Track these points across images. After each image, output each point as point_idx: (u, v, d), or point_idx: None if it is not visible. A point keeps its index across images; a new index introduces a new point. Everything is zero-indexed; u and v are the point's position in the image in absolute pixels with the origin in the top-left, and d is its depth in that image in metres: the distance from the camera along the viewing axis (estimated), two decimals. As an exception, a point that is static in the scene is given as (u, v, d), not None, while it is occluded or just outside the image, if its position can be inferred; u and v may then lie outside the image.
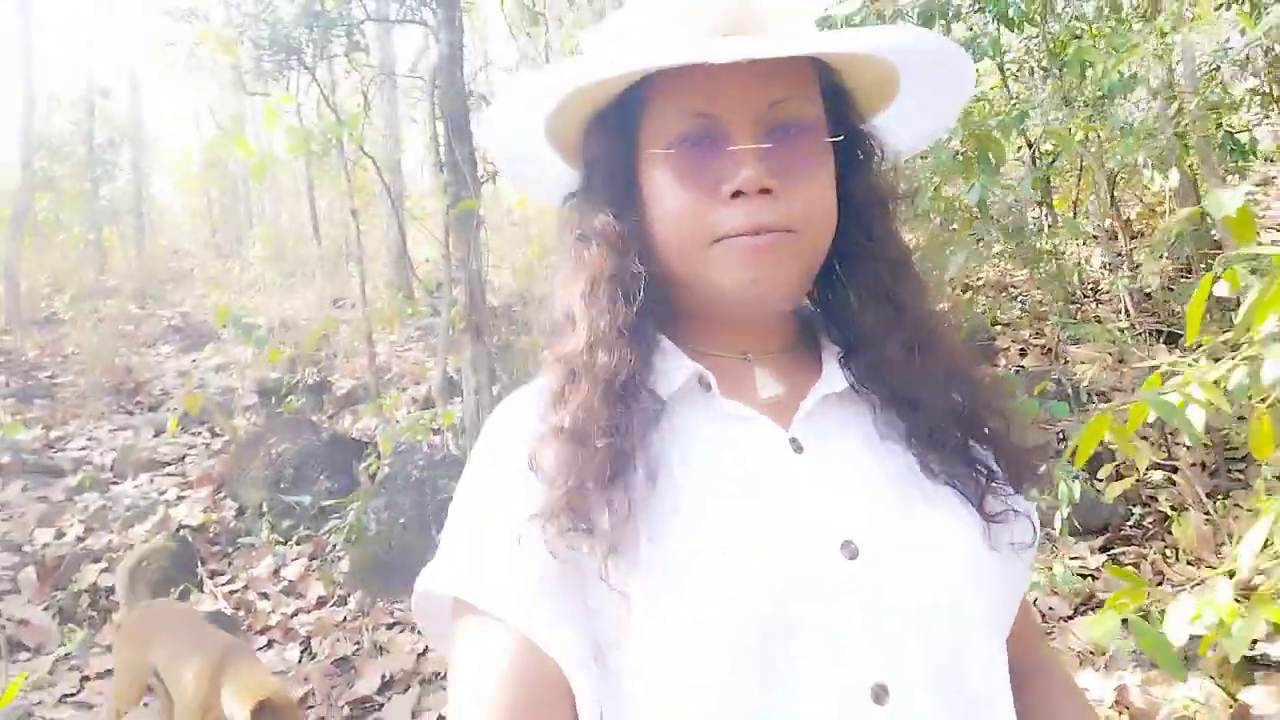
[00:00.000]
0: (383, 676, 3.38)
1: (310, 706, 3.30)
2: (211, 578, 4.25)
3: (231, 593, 4.11)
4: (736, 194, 0.69)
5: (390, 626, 3.72)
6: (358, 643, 3.62)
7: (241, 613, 3.93)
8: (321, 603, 3.97)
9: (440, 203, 4.72)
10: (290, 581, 4.17)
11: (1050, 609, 2.92)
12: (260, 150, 5.33)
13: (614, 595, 0.64)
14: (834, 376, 0.77)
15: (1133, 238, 4.95)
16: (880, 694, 0.64)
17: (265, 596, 4.08)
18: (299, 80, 5.08)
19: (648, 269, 0.73)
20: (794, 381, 0.77)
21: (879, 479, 0.73)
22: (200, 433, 6.37)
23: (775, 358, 0.78)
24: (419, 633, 3.61)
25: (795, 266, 0.72)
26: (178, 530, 4.58)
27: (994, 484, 0.75)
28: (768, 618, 0.64)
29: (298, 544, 4.43)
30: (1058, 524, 2.72)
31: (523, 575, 0.66)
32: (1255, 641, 2.34)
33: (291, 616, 3.89)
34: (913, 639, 0.66)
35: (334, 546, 4.33)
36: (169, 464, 5.80)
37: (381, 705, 3.24)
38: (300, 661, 3.58)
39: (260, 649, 3.67)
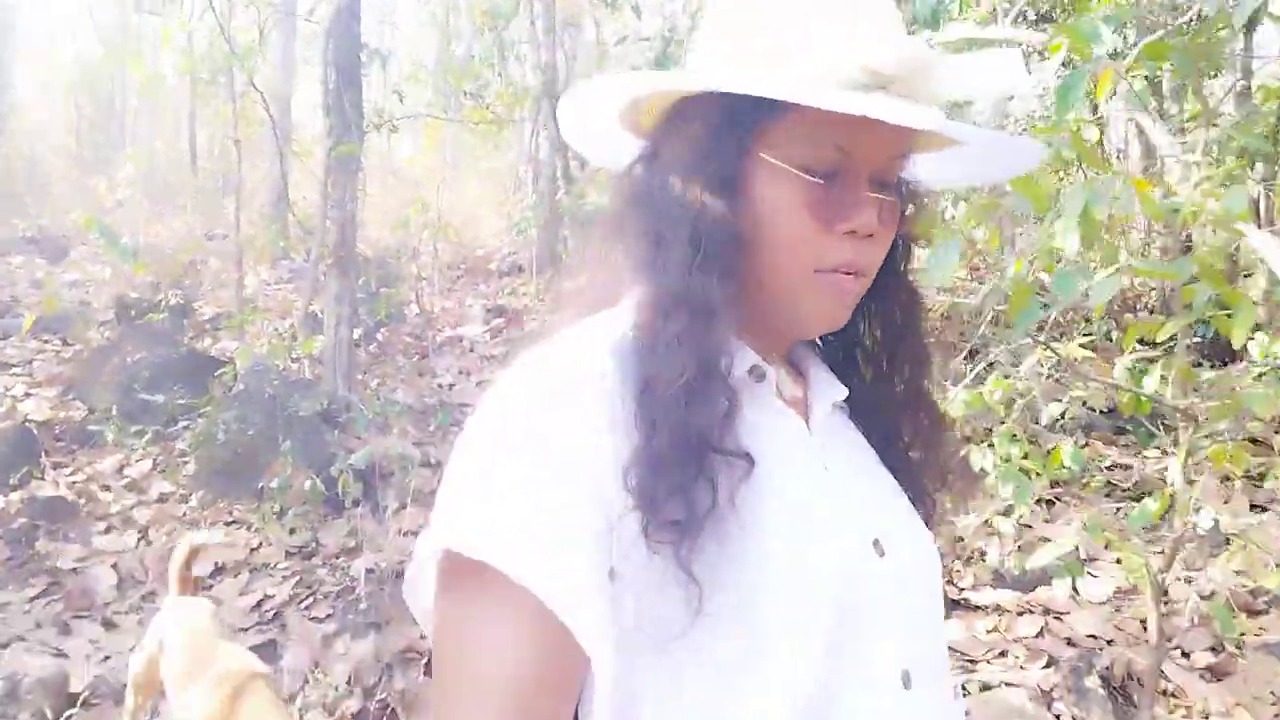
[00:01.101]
0: (216, 563, 3.69)
1: (141, 582, 3.58)
2: (55, 469, 4.42)
3: (73, 484, 4.30)
4: (850, 232, 0.70)
5: (228, 523, 4.02)
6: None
7: (82, 500, 4.13)
8: (163, 499, 4.22)
9: (326, 147, 5.00)
10: (133, 479, 4.39)
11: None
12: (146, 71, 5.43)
13: (690, 583, 0.62)
14: (832, 385, 0.81)
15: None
16: (907, 679, 0.69)
17: (107, 489, 4.29)
18: (194, 5, 5.24)
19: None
20: (794, 384, 0.81)
21: (881, 483, 0.80)
22: (51, 340, 6.38)
23: (782, 361, 0.81)
24: (254, 530, 3.94)
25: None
26: (22, 422, 4.70)
27: (932, 511, 0.84)
28: (839, 616, 0.65)
29: (145, 446, 4.63)
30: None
31: (576, 558, 0.60)
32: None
33: (131, 508, 4.12)
34: (924, 630, 0.73)
35: (181, 452, 4.56)
36: (16, 366, 5.83)
37: (211, 586, 3.55)
38: (136, 547, 3.84)
39: (98, 534, 3.91)
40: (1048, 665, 2.98)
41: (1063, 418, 3.33)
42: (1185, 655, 3.14)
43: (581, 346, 0.70)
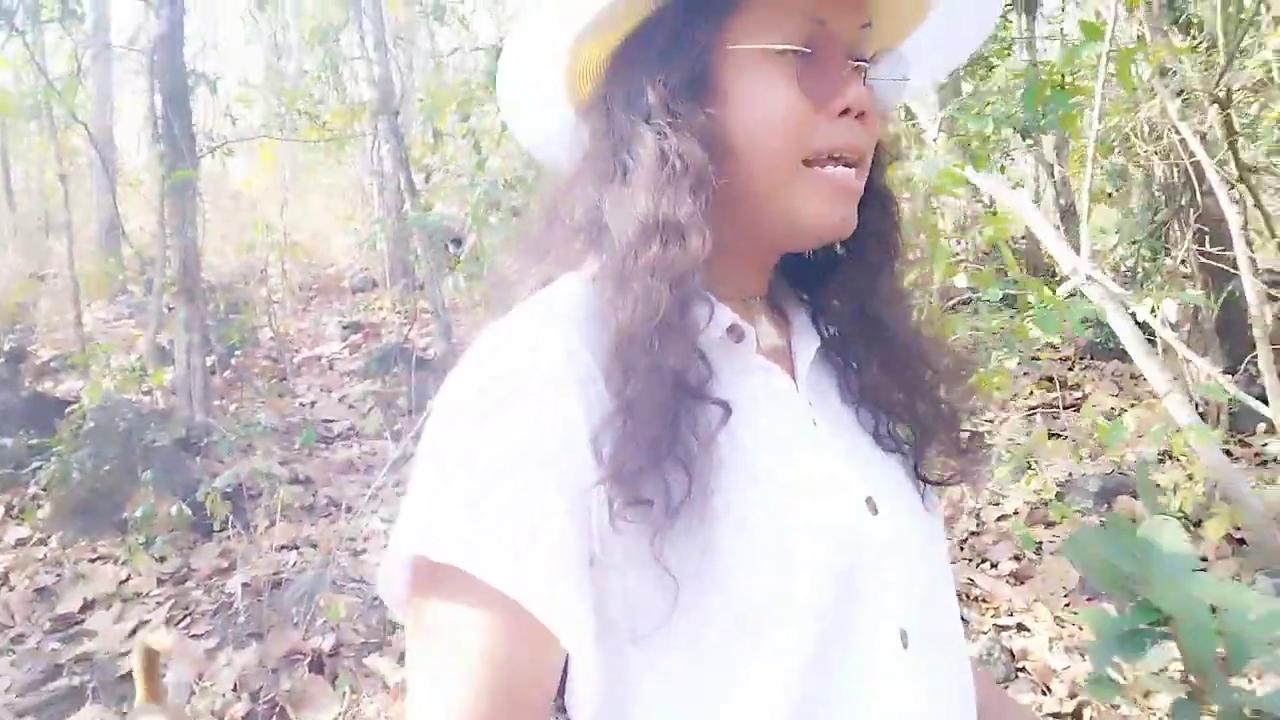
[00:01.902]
0: (84, 599, 3.68)
1: (9, 627, 3.54)
2: (-104, 528, 4.25)
3: (-80, 540, 4.16)
4: (843, 112, 0.65)
5: (93, 560, 3.99)
6: (59, 574, 3.87)
7: (-68, 556, 4.01)
8: (21, 543, 4.14)
9: (156, 175, 4.97)
10: (-14, 529, 4.27)
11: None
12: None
13: (664, 576, 0.59)
14: (810, 330, 0.76)
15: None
16: (905, 638, 0.66)
17: (-42, 541, 4.17)
18: (7, 43, 5.09)
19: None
20: (776, 329, 0.75)
21: (863, 437, 0.74)
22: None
23: (764, 303, 0.75)
24: (122, 563, 3.92)
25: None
26: None
27: (927, 449, 0.76)
28: (832, 578, 0.63)
29: (-6, 494, 4.50)
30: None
31: (552, 551, 0.57)
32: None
33: (-12, 557, 4.03)
34: (919, 588, 0.69)
35: (34, 495, 4.46)
36: None
37: (83, 621, 3.55)
38: (-3, 594, 3.77)
39: (-47, 586, 3.81)
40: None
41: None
42: (993, 565, 3.60)
43: (538, 323, 0.64)
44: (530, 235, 0.76)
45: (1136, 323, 2.95)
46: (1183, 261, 4.25)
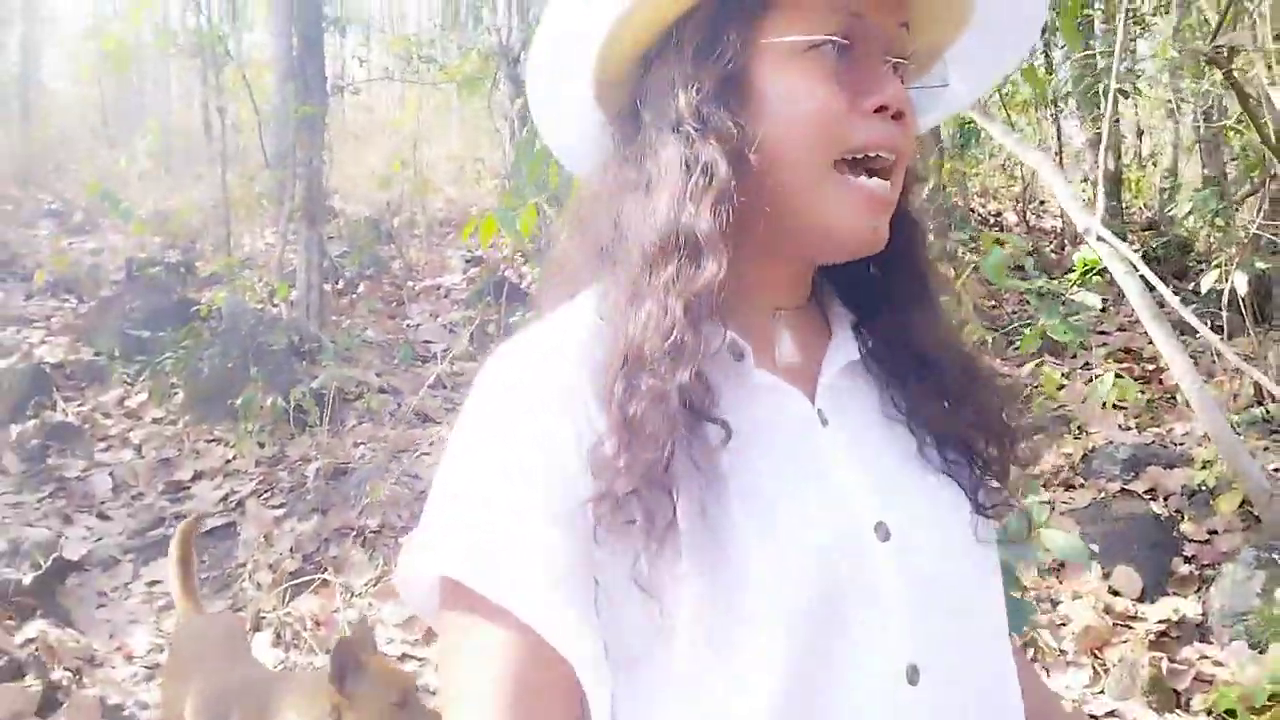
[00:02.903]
0: (195, 471, 4.35)
1: (133, 486, 4.24)
2: (66, 401, 5.09)
3: (80, 413, 4.97)
4: (879, 109, 0.64)
5: (209, 441, 4.67)
6: (180, 449, 4.56)
7: (87, 425, 4.80)
8: (156, 421, 4.88)
9: (290, 110, 5.57)
10: (131, 409, 5.05)
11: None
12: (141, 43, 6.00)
13: (647, 600, 0.59)
14: (848, 343, 0.73)
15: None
16: (913, 674, 0.63)
17: (108, 416, 4.96)
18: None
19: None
20: (807, 342, 0.72)
21: (895, 458, 0.71)
22: (68, 299, 7.07)
23: (796, 314, 0.73)
24: (230, 445, 4.57)
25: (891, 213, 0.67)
26: (38, 364, 5.38)
27: (987, 477, 0.73)
28: (820, 609, 0.61)
29: (141, 381, 5.29)
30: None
31: (546, 566, 0.60)
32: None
33: (129, 430, 4.79)
34: (938, 621, 0.65)
35: (171, 383, 5.22)
36: (36, 320, 6.52)
37: (189, 488, 4.21)
38: (129, 460, 4.50)
39: (100, 450, 4.57)
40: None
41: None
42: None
43: (543, 349, 0.66)
44: (558, 247, 0.76)
45: (1187, 298, 2.91)
46: (1256, 233, 4.06)
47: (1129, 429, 4.14)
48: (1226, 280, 3.25)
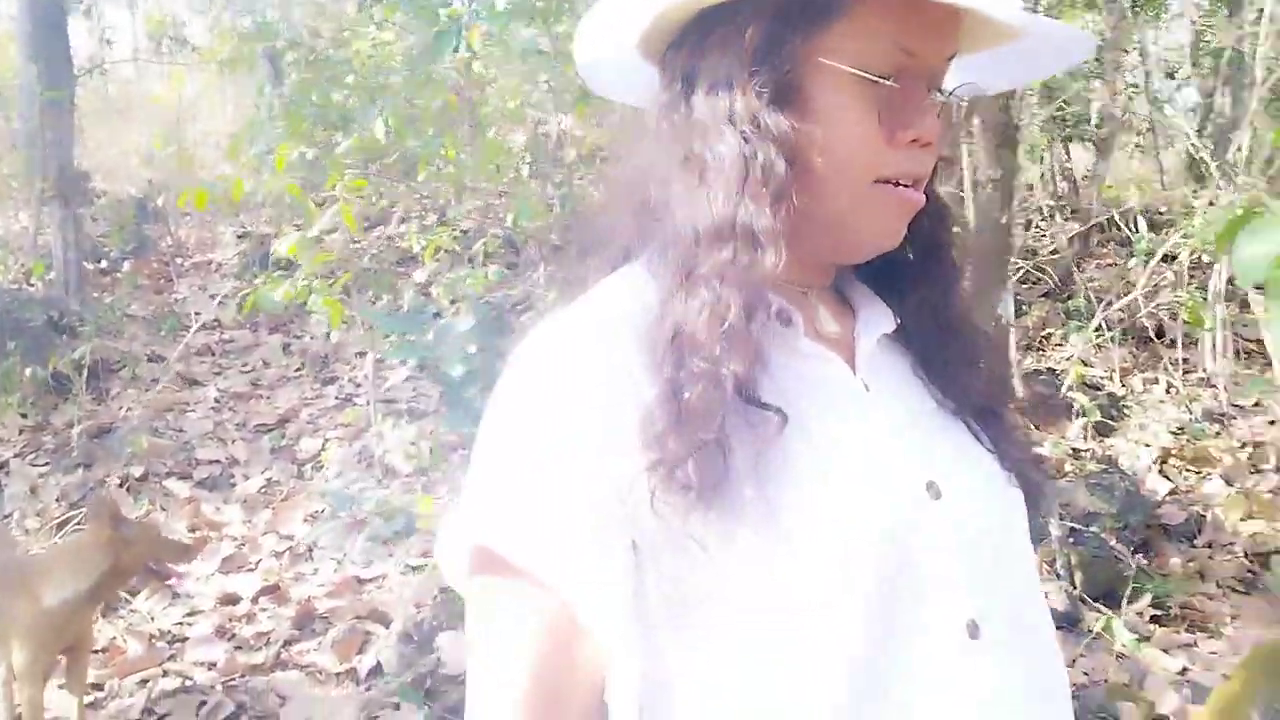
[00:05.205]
0: (-44, 442, 4.54)
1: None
2: None
3: None
4: (913, 140, 0.66)
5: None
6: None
7: None
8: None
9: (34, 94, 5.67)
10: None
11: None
12: None
13: (704, 557, 0.61)
14: (883, 316, 0.76)
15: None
16: (973, 629, 0.65)
17: None
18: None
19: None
20: (836, 316, 0.75)
21: (931, 421, 0.73)
22: None
23: (823, 293, 0.76)
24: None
25: None
26: None
27: (1008, 447, 0.76)
28: (890, 570, 0.62)
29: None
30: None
31: (580, 536, 0.61)
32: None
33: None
34: (990, 575, 0.67)
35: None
36: None
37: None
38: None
39: None
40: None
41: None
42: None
43: (589, 323, 0.68)
44: (600, 217, 0.78)
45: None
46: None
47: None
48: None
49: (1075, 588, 3.13)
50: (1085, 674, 2.72)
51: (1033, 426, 4.24)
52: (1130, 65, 6.23)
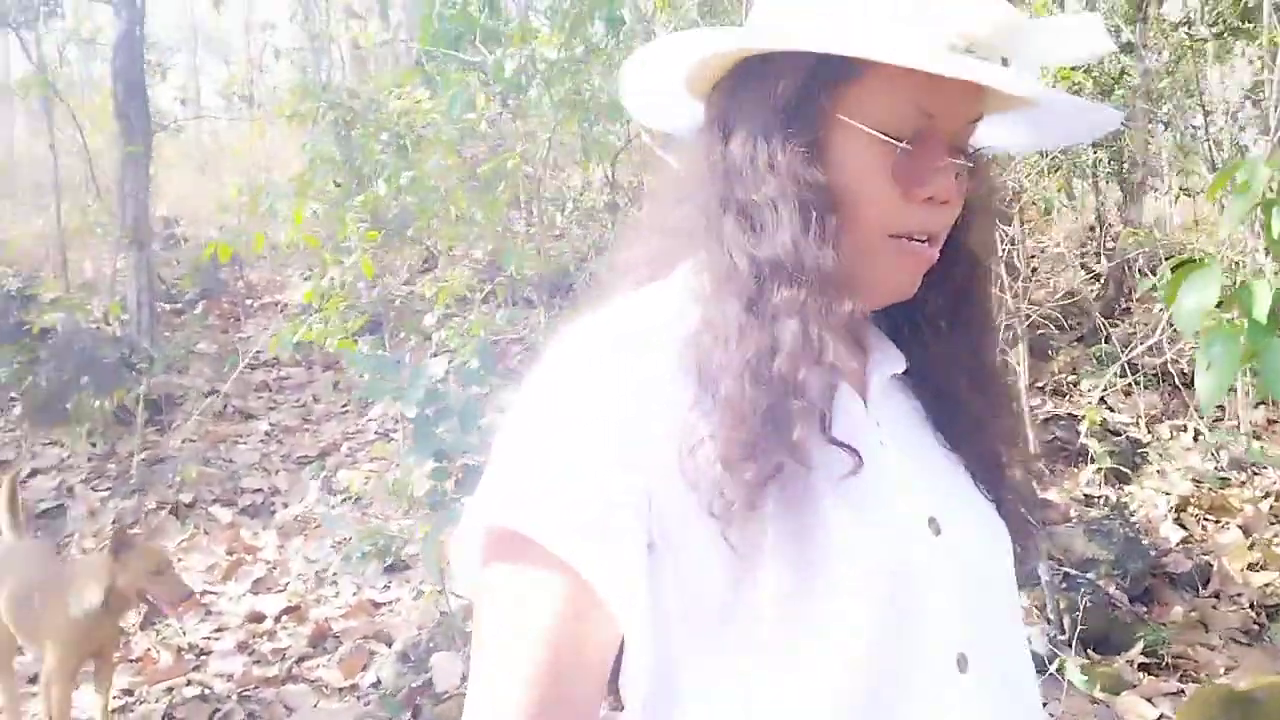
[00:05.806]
0: (32, 469, 4.95)
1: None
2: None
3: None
4: (928, 198, 0.68)
5: (46, 444, 5.25)
6: (18, 451, 5.14)
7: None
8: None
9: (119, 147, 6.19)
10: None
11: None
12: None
13: (737, 562, 0.63)
14: (894, 358, 0.77)
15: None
16: (963, 663, 0.67)
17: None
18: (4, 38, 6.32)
19: None
20: (851, 355, 0.74)
21: (936, 461, 0.76)
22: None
23: (840, 331, 0.73)
24: (63, 446, 5.17)
25: None
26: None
27: (1006, 495, 0.78)
28: (898, 594, 0.65)
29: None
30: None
31: (615, 531, 0.63)
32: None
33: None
34: (981, 614, 0.70)
35: (10, 398, 5.75)
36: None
37: (26, 482, 4.81)
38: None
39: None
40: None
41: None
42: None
43: (637, 318, 0.70)
44: (639, 235, 0.81)
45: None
46: None
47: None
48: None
49: (1063, 632, 3.16)
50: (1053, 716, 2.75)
51: (1048, 471, 4.27)
52: (1188, 106, 6.20)
